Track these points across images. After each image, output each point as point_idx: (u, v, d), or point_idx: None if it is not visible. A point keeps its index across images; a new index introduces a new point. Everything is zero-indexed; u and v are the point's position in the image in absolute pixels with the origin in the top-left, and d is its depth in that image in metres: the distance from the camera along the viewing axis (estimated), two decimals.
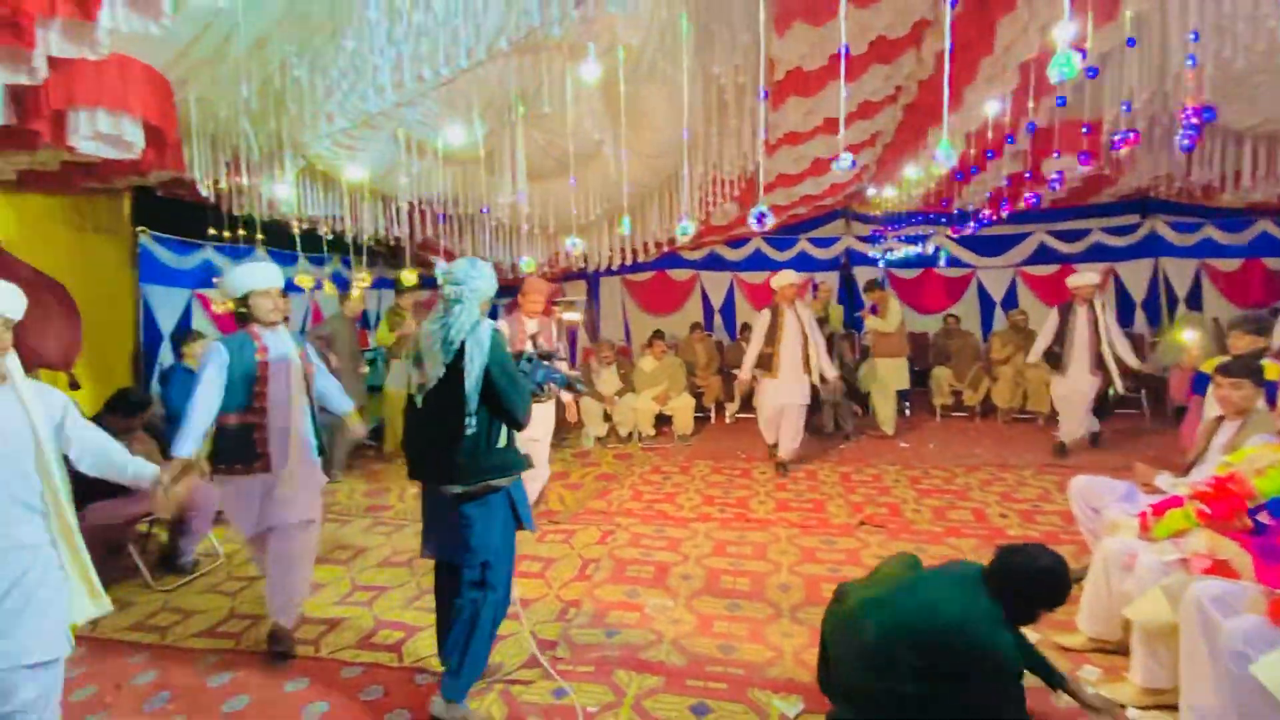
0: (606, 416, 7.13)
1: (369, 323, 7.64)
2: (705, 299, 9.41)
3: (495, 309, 6.63)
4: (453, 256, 5.96)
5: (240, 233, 5.41)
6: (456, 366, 2.31)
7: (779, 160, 5.90)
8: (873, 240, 8.81)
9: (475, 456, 2.35)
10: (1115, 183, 7.01)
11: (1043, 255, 8.60)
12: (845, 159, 2.28)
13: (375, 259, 8.17)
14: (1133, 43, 3.24)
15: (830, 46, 4.14)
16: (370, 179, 4.70)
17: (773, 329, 5.59)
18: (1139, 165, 6.25)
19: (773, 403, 5.65)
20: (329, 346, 5.54)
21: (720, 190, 5.78)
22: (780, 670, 2.74)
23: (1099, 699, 2.26)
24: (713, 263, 9.34)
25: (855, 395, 7.30)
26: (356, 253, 7.11)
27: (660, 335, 7.74)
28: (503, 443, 2.42)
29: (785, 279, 5.63)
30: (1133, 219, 8.30)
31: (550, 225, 6.05)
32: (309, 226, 5.68)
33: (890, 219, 8.19)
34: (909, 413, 7.71)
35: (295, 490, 2.87)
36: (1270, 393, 2.99)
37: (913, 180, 6.18)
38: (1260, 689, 1.84)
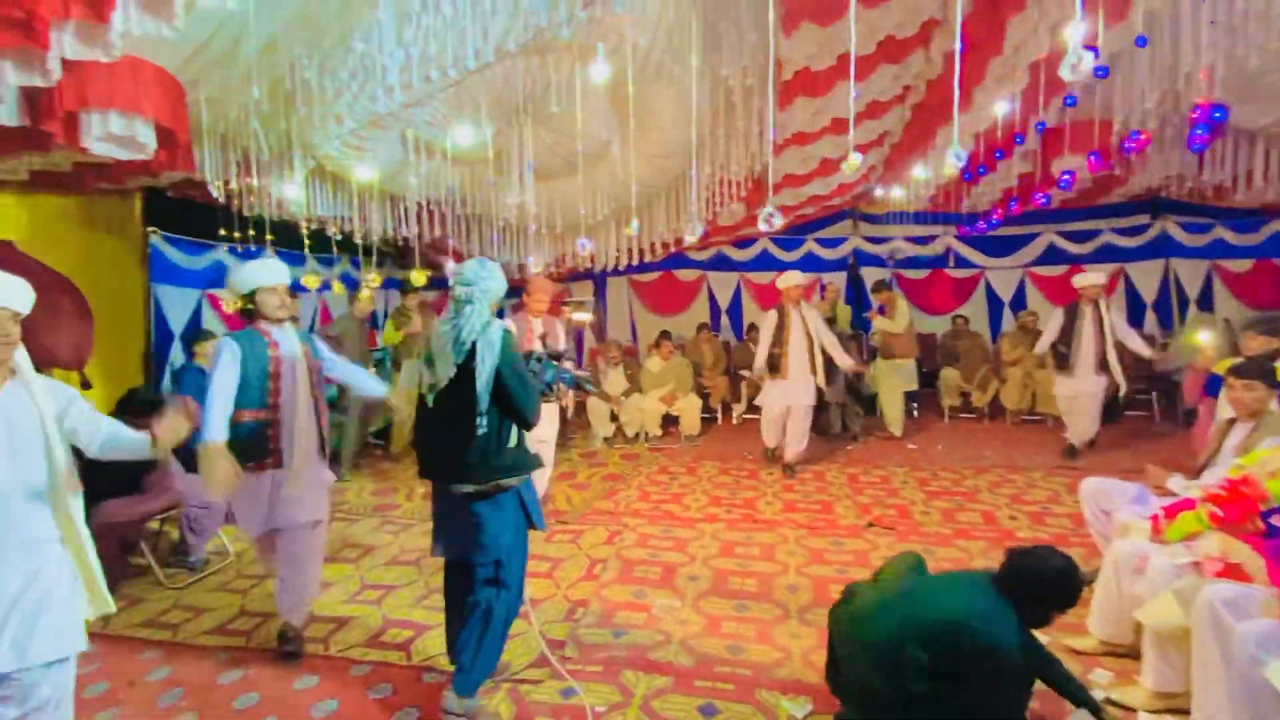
0: (613, 417, 7.12)
1: (378, 323, 7.67)
2: (712, 299, 9.39)
3: (501, 309, 6.67)
4: (461, 257, 5.98)
5: (250, 233, 5.45)
6: (468, 367, 2.32)
7: (786, 160, 5.88)
8: (880, 241, 8.78)
9: (486, 456, 2.36)
10: (1125, 183, 6.96)
11: (1052, 256, 8.53)
12: (855, 158, 2.28)
13: (384, 259, 8.24)
14: (1143, 42, 3.21)
15: (838, 46, 4.13)
16: (379, 179, 4.73)
17: (779, 330, 5.58)
18: (1150, 165, 6.21)
19: (779, 404, 5.63)
20: (338, 347, 5.56)
21: (727, 191, 5.78)
22: (788, 671, 2.73)
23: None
24: (720, 263, 9.32)
25: (859, 397, 7.27)
26: (365, 253, 7.16)
27: (667, 336, 7.73)
28: (513, 442, 2.43)
29: (790, 280, 5.61)
30: (1143, 219, 8.24)
31: (558, 225, 6.07)
32: (318, 227, 5.73)
33: (898, 218, 8.17)
34: (917, 414, 7.68)
35: (302, 490, 2.88)
36: None
37: (921, 180, 6.16)
38: (1273, 693, 1.83)
